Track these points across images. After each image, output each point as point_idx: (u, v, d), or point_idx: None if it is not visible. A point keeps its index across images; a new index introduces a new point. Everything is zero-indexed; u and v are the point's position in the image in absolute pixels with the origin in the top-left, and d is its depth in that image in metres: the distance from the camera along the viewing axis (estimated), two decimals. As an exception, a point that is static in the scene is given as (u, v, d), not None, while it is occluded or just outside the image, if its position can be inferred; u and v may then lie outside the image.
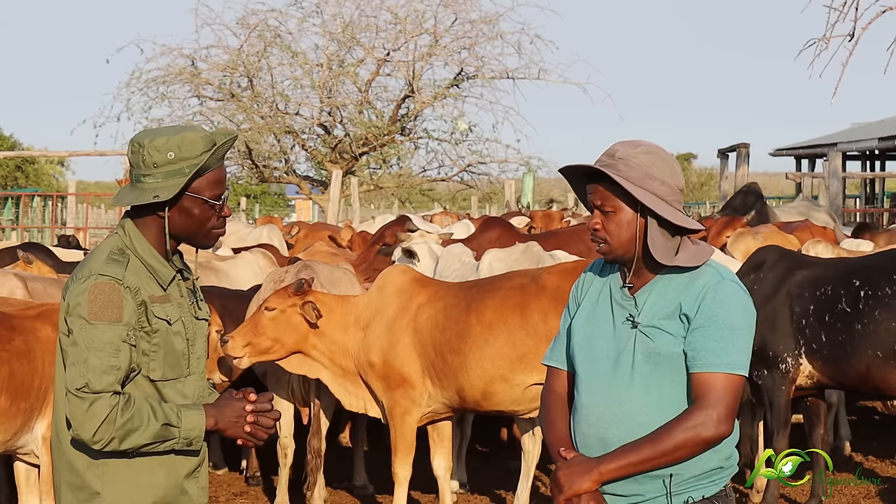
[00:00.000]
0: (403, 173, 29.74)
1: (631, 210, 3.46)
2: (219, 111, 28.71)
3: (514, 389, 7.32)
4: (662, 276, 3.49)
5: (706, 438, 3.39)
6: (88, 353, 3.45)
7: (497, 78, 28.69)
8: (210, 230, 3.63)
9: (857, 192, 36.26)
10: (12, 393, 6.17)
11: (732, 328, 3.41)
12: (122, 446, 3.47)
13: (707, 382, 3.39)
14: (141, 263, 3.57)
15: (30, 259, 9.77)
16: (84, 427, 3.45)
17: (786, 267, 8.00)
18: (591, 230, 3.52)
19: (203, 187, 3.58)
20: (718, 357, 3.39)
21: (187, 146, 3.53)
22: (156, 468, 3.57)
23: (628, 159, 3.44)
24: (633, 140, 3.52)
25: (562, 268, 7.56)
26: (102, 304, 3.47)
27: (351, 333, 7.55)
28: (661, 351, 3.43)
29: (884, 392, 7.73)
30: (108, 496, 3.56)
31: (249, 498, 8.91)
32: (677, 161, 3.57)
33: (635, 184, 3.43)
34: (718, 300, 3.42)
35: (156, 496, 3.59)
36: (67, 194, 25.38)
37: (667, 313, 3.44)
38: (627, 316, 3.49)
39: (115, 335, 3.47)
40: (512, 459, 9.07)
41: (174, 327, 3.59)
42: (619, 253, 3.49)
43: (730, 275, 3.50)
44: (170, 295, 3.61)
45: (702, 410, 3.38)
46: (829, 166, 21.60)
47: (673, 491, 3.45)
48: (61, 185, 45.13)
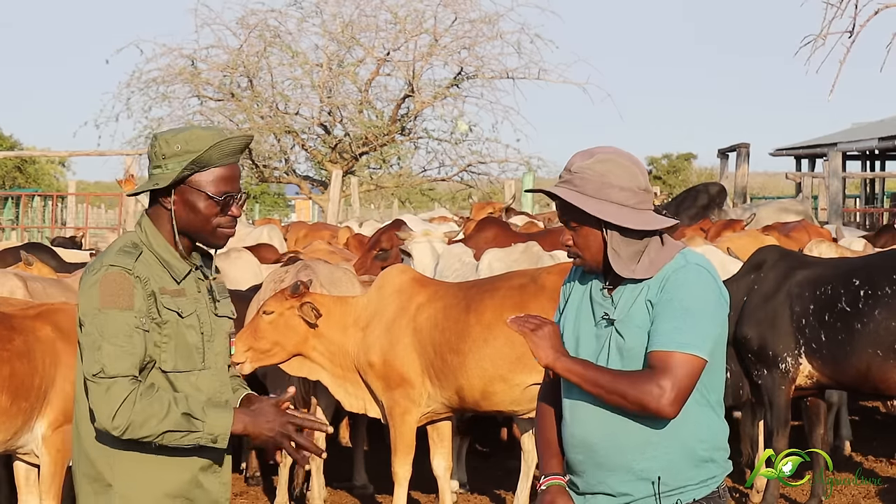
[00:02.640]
0: (403, 173, 29.75)
1: (593, 223, 3.47)
2: (219, 111, 28.72)
3: (513, 389, 7.32)
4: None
5: (645, 406, 3.37)
6: (102, 339, 3.50)
7: (497, 78, 28.71)
8: (215, 228, 3.66)
9: (857, 192, 36.27)
10: (13, 392, 6.18)
11: (687, 309, 3.40)
12: (142, 432, 3.48)
13: (661, 360, 3.38)
14: (154, 257, 3.64)
15: (30, 261, 9.78)
16: (102, 412, 3.48)
17: (786, 267, 8.01)
18: (565, 246, 3.54)
19: (206, 182, 3.62)
20: (672, 337, 3.38)
21: (194, 140, 3.61)
22: (167, 461, 3.58)
23: (583, 172, 3.45)
24: (590, 149, 3.53)
25: (561, 268, 7.56)
26: (113, 293, 3.53)
27: (350, 334, 7.55)
28: (633, 346, 3.44)
29: (883, 392, 7.73)
30: (120, 488, 3.59)
31: (249, 498, 8.91)
32: (639, 161, 3.56)
33: (591, 196, 3.44)
34: (678, 283, 3.42)
35: (167, 489, 3.61)
36: (67, 194, 25.39)
37: (637, 307, 3.45)
38: (603, 314, 3.50)
39: (127, 321, 3.52)
40: (512, 459, 9.07)
41: (187, 320, 3.63)
42: (593, 264, 3.52)
43: (696, 259, 3.49)
44: (184, 289, 3.65)
45: (654, 382, 3.36)
46: (829, 166, 21.61)
47: (662, 492, 3.45)
48: (61, 185, 45.11)
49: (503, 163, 29.35)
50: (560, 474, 3.56)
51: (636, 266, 3.45)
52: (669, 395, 3.35)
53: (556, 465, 3.57)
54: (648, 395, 3.36)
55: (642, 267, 3.46)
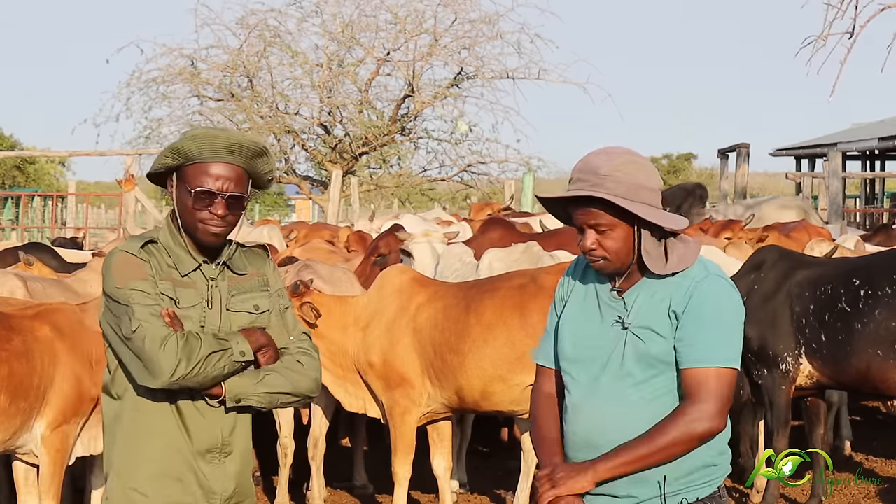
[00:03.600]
0: (403, 173, 29.72)
1: (626, 225, 3.45)
2: (219, 111, 28.70)
3: (512, 390, 7.32)
4: (650, 276, 3.49)
5: (700, 433, 3.39)
6: (132, 305, 3.62)
7: (497, 78, 28.68)
8: (197, 222, 3.70)
9: (857, 192, 36.27)
10: (12, 392, 6.17)
11: (721, 323, 3.43)
12: (191, 366, 3.59)
13: (699, 377, 3.40)
14: (164, 249, 3.75)
15: (30, 261, 9.77)
16: (150, 360, 3.58)
17: (786, 267, 8.01)
18: (588, 251, 3.48)
19: (191, 176, 3.70)
20: (709, 352, 3.40)
21: (195, 136, 3.70)
22: (162, 442, 3.69)
23: (614, 174, 3.43)
24: (607, 149, 3.51)
25: (560, 268, 7.55)
26: (126, 270, 3.67)
27: (350, 334, 7.55)
28: (653, 352, 3.43)
29: (883, 392, 7.73)
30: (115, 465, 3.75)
31: (249, 498, 8.90)
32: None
33: (627, 198, 3.43)
34: (706, 296, 3.43)
35: (157, 469, 3.70)
36: (67, 194, 25.36)
37: (658, 314, 3.45)
38: (616, 317, 3.49)
39: (149, 288, 3.65)
40: (512, 459, 9.06)
41: (184, 311, 3.69)
42: (617, 266, 3.49)
43: (715, 269, 3.52)
44: (193, 282, 3.74)
45: (695, 405, 3.39)
46: (829, 166, 21.60)
47: (667, 492, 3.45)
48: (61, 185, 45.11)
49: (503, 163, 29.33)
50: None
51: (667, 263, 3.46)
52: (714, 410, 3.38)
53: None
54: (696, 422, 3.38)
55: (672, 264, 3.47)
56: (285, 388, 3.75)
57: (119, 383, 3.73)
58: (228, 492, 3.76)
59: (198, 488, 3.72)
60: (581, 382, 3.52)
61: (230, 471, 3.76)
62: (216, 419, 3.72)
